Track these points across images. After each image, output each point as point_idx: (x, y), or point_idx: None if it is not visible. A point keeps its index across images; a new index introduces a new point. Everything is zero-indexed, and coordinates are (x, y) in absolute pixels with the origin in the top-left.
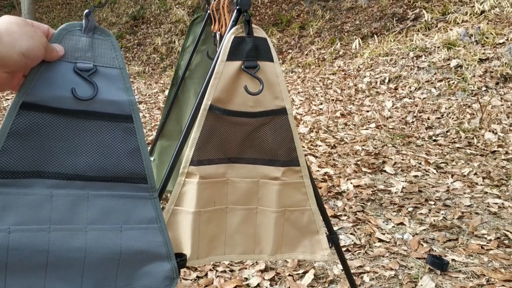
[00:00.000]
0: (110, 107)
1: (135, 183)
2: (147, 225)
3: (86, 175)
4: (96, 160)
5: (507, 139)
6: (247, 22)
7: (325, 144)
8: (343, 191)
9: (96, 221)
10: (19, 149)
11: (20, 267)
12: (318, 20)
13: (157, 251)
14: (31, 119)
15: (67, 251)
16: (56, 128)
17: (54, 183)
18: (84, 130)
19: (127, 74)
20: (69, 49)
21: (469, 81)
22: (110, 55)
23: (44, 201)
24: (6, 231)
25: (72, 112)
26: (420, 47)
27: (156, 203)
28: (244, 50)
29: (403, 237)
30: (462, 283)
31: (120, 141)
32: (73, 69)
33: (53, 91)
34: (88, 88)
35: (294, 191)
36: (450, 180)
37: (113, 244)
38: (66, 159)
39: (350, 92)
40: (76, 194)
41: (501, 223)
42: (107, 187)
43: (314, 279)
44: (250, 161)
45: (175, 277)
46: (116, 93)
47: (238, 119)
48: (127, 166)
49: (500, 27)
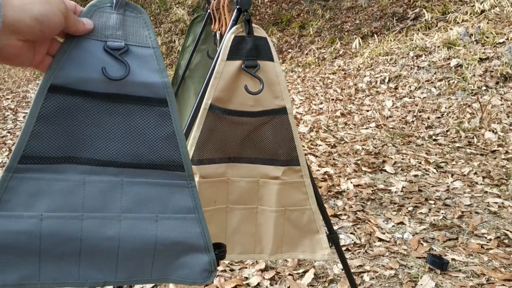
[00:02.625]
0: (143, 90)
1: (171, 171)
2: (184, 215)
3: (120, 161)
4: (129, 146)
5: (507, 138)
6: (247, 22)
7: (325, 143)
8: (343, 190)
9: (131, 209)
10: (50, 134)
11: (53, 255)
12: (318, 20)
13: (194, 243)
14: (60, 103)
15: (100, 239)
16: (86, 112)
17: (87, 169)
18: (116, 115)
19: (160, 54)
20: (99, 26)
21: (469, 81)
22: (142, 33)
23: (77, 188)
24: (38, 217)
25: (103, 95)
26: (420, 47)
27: (193, 192)
28: (244, 50)
29: (403, 236)
30: (462, 283)
31: (154, 127)
32: (103, 48)
33: (82, 72)
34: (120, 68)
35: (294, 190)
36: (450, 179)
37: (148, 234)
38: (99, 145)
39: (350, 92)
40: (110, 181)
41: (501, 222)
42: (142, 174)
43: (314, 278)
44: (250, 160)
45: (213, 270)
46: (149, 74)
47: (238, 118)
48: (162, 153)
49: (500, 26)
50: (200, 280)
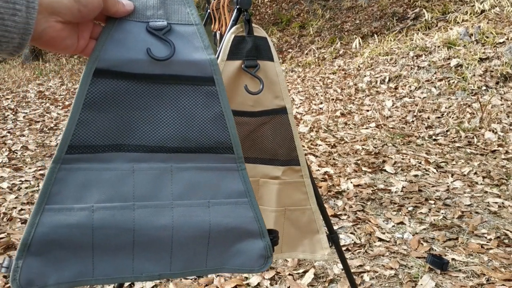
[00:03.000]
0: (189, 69)
1: (220, 153)
2: (236, 199)
3: (169, 146)
4: (177, 129)
5: (507, 138)
6: (247, 22)
7: (325, 143)
8: (343, 190)
9: (182, 196)
10: (96, 121)
11: (106, 248)
12: (318, 20)
13: (248, 228)
14: (106, 87)
15: (153, 229)
16: (133, 95)
17: (135, 157)
18: (163, 97)
19: (204, 31)
20: (139, 7)
21: (469, 81)
22: (184, 10)
23: (126, 177)
24: (89, 209)
25: (148, 76)
26: (420, 47)
27: (244, 175)
28: (244, 50)
29: (403, 236)
30: (462, 283)
31: (202, 107)
32: (145, 29)
33: (126, 54)
34: (164, 48)
35: (294, 190)
36: (450, 179)
37: (201, 221)
38: (146, 130)
39: (350, 92)
40: (159, 168)
41: (501, 222)
42: (192, 159)
43: (314, 278)
44: (250, 160)
45: (269, 255)
46: (194, 52)
47: (238, 118)
48: (211, 135)
49: (500, 26)
50: (257, 267)
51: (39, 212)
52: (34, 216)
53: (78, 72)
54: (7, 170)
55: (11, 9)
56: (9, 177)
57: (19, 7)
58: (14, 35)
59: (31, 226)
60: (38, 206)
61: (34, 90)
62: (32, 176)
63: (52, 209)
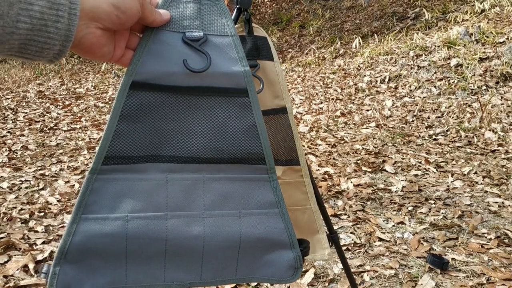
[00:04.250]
0: (224, 81)
1: (252, 164)
2: (267, 210)
3: (201, 157)
4: (210, 140)
5: (507, 138)
6: (247, 21)
7: (325, 143)
8: (343, 190)
9: (213, 206)
10: (132, 133)
11: (139, 256)
12: (318, 19)
13: (279, 239)
14: (142, 100)
15: (185, 239)
16: (168, 107)
17: (168, 167)
18: (197, 108)
19: (239, 42)
20: (176, 17)
21: (469, 80)
22: (220, 21)
23: (160, 187)
24: (123, 219)
25: (184, 89)
26: (420, 46)
27: (275, 185)
28: (244, 49)
29: (403, 236)
30: (462, 282)
31: (236, 118)
32: (182, 40)
33: (163, 66)
34: (200, 60)
35: (295, 190)
36: (450, 179)
37: (232, 231)
38: (180, 141)
39: (350, 91)
40: (192, 178)
41: (501, 222)
42: (223, 169)
43: (314, 278)
44: None
45: (299, 266)
46: (229, 64)
47: None
48: (243, 146)
49: (500, 26)
50: (287, 278)
51: (75, 221)
52: (71, 225)
53: (78, 72)
54: (7, 170)
55: (54, 15)
56: (9, 177)
57: (62, 13)
58: (55, 41)
59: (68, 235)
60: (75, 215)
61: (34, 90)
62: (32, 176)
63: (88, 218)
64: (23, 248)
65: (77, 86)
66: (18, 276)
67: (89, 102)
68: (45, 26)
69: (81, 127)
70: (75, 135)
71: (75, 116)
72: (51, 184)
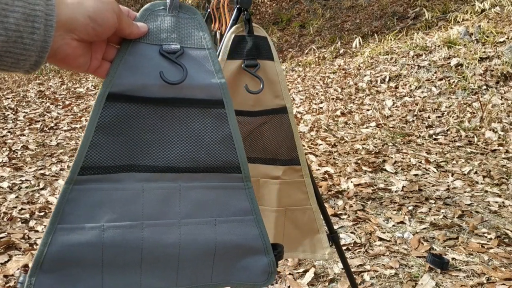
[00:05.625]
0: (200, 92)
1: (228, 173)
2: (242, 217)
3: (178, 167)
4: (187, 150)
5: (508, 137)
6: (247, 21)
7: (326, 143)
8: (344, 190)
9: (189, 215)
10: (108, 143)
11: (115, 265)
12: (318, 19)
13: (253, 245)
14: (119, 111)
15: (161, 247)
16: (145, 118)
17: (145, 177)
18: (174, 119)
19: (215, 55)
20: (154, 30)
21: (469, 80)
22: (197, 35)
23: (136, 196)
24: (100, 228)
25: (160, 100)
26: (420, 46)
27: (250, 193)
28: (244, 49)
29: (403, 235)
30: (462, 282)
31: (212, 129)
32: (159, 52)
33: (140, 78)
34: (177, 72)
35: (295, 190)
36: (450, 179)
37: (208, 239)
38: (157, 151)
39: (351, 91)
40: (168, 187)
41: (502, 221)
42: (199, 178)
43: (314, 277)
44: (250, 160)
45: (273, 271)
46: (205, 76)
47: (239, 118)
48: (219, 156)
49: (500, 25)
50: (260, 282)
51: (51, 231)
52: (47, 236)
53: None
54: (8, 170)
55: (29, 27)
56: (9, 176)
57: (38, 25)
58: (32, 53)
59: (44, 245)
60: (51, 226)
61: (34, 89)
62: (32, 175)
63: (64, 228)
64: (24, 248)
65: (77, 86)
66: (18, 276)
67: (89, 101)
68: (20, 38)
69: (81, 127)
70: (75, 134)
71: (75, 115)
72: (51, 184)
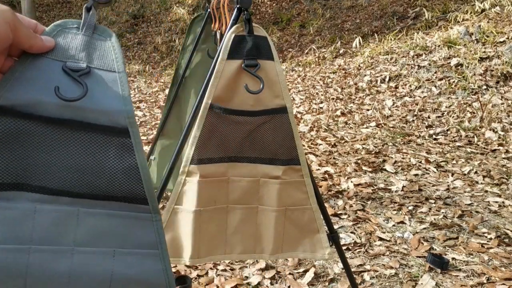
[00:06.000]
0: (102, 117)
1: (133, 203)
2: (146, 251)
3: (75, 192)
4: (85, 176)
5: (508, 137)
6: (247, 21)
7: (326, 142)
8: (344, 189)
9: (86, 243)
10: None
11: None
12: (319, 19)
13: (154, 280)
14: (7, 126)
15: (49, 276)
16: (37, 137)
17: (38, 198)
18: (71, 143)
19: (126, 80)
20: (61, 46)
21: (469, 80)
22: (109, 57)
23: (26, 217)
24: None
25: (57, 121)
26: (420, 46)
27: (158, 226)
28: (244, 49)
29: (403, 235)
30: (463, 282)
31: (114, 158)
32: (61, 68)
33: (35, 94)
34: (77, 90)
35: (295, 190)
36: (450, 178)
37: (103, 270)
38: (51, 173)
39: (351, 91)
40: (64, 211)
41: (502, 221)
42: (101, 204)
43: (314, 277)
44: (250, 160)
45: None
46: (111, 101)
47: (239, 118)
48: (123, 186)
49: (500, 25)
50: None
51: None
52: None
53: None
54: None
55: None
56: None
57: None
58: None
59: None
60: None
61: None
62: None
63: None
64: None
65: None
66: None
67: None
68: None
69: None
70: None
71: None
72: None
